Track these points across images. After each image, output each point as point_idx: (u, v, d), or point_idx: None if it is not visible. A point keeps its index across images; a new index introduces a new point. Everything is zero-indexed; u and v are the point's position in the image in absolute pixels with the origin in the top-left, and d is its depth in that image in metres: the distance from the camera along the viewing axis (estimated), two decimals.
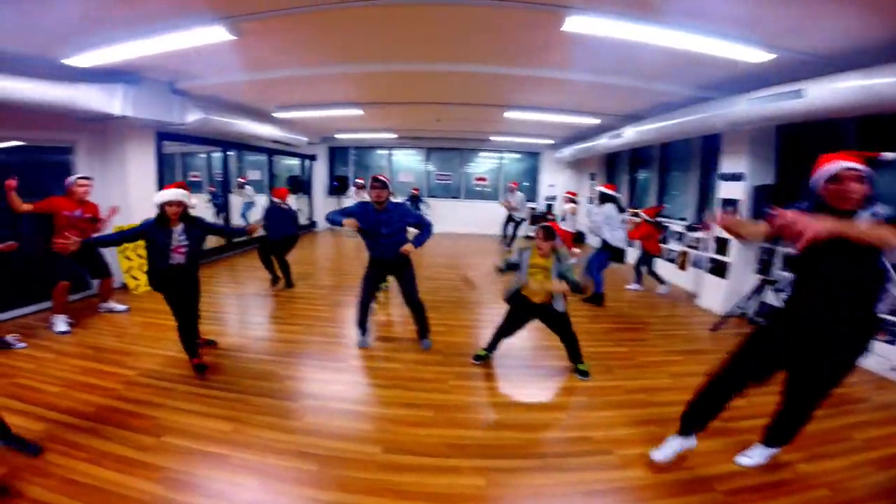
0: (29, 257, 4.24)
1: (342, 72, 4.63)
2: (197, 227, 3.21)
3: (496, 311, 3.85)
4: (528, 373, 3.52)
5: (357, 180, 9.75)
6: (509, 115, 6.76)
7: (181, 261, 3.11)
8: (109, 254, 4.74)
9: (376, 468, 2.31)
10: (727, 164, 5.19)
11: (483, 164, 11.67)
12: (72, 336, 3.92)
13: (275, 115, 6.97)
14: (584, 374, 3.37)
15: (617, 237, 5.16)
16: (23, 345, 3.63)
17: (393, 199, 3.61)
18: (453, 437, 2.61)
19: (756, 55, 3.27)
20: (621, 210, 5.33)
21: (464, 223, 11.22)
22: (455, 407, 2.95)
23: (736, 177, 5.01)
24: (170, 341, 3.40)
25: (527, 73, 4.54)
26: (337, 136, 10.21)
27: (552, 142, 10.03)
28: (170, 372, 3.28)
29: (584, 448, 2.56)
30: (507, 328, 3.44)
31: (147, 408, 2.78)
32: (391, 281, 4.65)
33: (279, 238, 5.30)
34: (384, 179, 3.48)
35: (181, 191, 3.09)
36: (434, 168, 11.66)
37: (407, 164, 11.73)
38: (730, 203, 5.09)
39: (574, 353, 3.38)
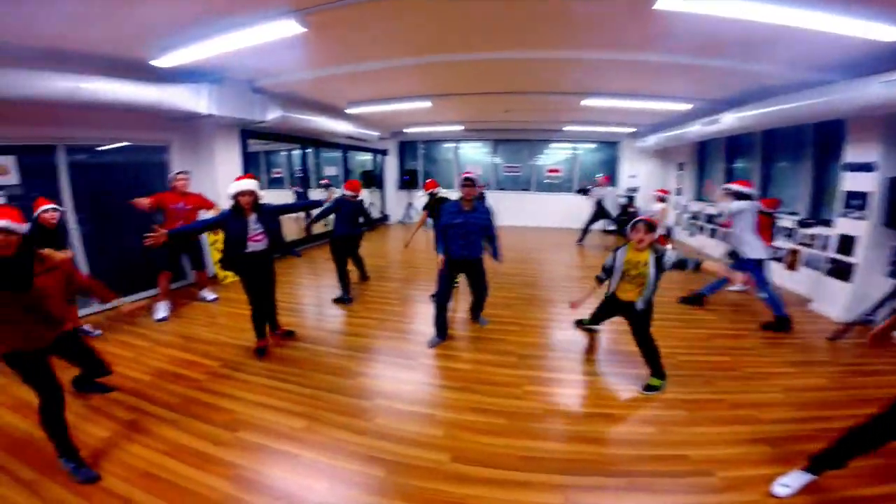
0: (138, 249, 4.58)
1: (411, 63, 4.49)
2: (268, 214, 3.32)
3: (571, 311, 3.63)
4: (616, 380, 3.18)
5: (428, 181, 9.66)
6: (588, 102, 6.26)
7: (258, 248, 3.26)
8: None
9: (443, 478, 2.17)
10: (854, 153, 4.39)
11: (555, 155, 11.09)
12: (167, 324, 4.20)
13: (347, 110, 7.07)
14: (652, 388, 2.99)
15: (756, 247, 4.11)
16: (98, 332, 3.93)
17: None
18: (527, 449, 2.40)
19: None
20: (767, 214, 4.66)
21: (534, 216, 10.79)
22: (530, 415, 2.71)
23: (866, 167, 4.21)
24: (252, 331, 3.50)
25: (610, 57, 4.15)
26: (406, 130, 10.20)
27: (634, 129, 9.25)
28: (250, 364, 3.37)
29: (679, 468, 2.24)
30: (599, 317, 3.45)
31: (227, 401, 2.85)
32: (460, 278, 4.51)
33: (342, 235, 5.12)
34: (473, 177, 3.47)
35: (252, 181, 3.20)
36: (502, 160, 11.28)
37: (474, 157, 11.46)
38: (857, 196, 4.28)
39: (651, 362, 3.01)
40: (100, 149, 4.79)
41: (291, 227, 8.73)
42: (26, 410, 2.60)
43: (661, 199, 6.73)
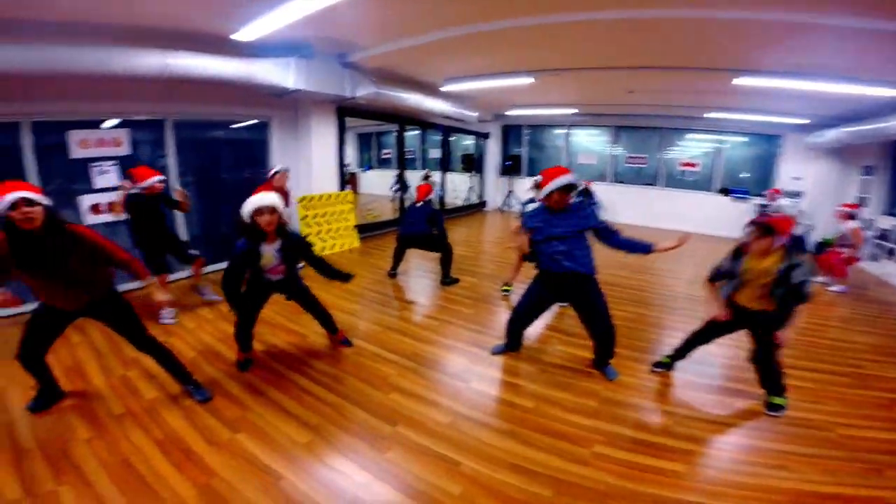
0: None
1: (512, 26, 3.77)
2: (294, 243, 2.74)
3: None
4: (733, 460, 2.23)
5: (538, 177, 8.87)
6: (741, 81, 4.87)
7: (278, 278, 2.79)
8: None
9: None
10: None
11: (693, 148, 9.29)
12: None
13: (443, 88, 6.61)
14: (777, 408, 2.56)
15: None
16: (214, 297, 4.11)
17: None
18: None
19: None
20: None
21: (659, 216, 9.11)
22: (590, 491, 1.98)
23: None
24: (310, 319, 3.23)
25: (780, 18, 3.04)
26: (509, 112, 9.42)
27: (805, 121, 7.21)
28: (290, 354, 3.18)
29: None
30: (708, 334, 2.77)
31: (247, 393, 2.67)
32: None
33: (409, 234, 4.76)
34: (572, 182, 2.60)
35: (273, 196, 2.54)
36: (624, 150, 9.82)
37: (588, 145, 10.20)
38: None
39: (770, 382, 2.56)
40: (208, 122, 5.08)
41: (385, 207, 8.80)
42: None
43: (851, 217, 5.06)
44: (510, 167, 10.41)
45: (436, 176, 9.07)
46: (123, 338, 2.43)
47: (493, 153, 10.72)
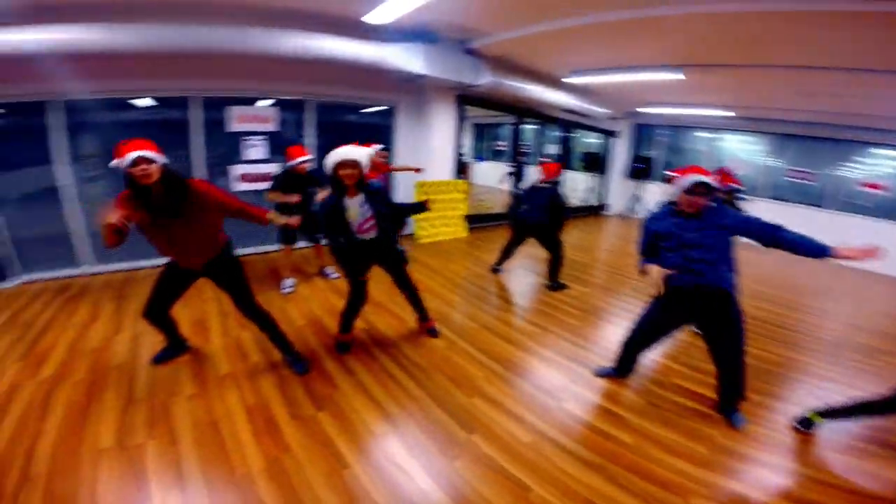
0: None
1: (659, 14, 3.34)
2: (377, 196, 2.67)
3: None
4: None
5: (671, 173, 7.91)
6: None
7: (368, 238, 2.71)
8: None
9: None
10: None
11: (881, 166, 7.45)
12: None
13: (568, 80, 6.18)
14: None
15: None
16: (336, 275, 4.33)
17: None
18: None
19: None
20: None
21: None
22: None
23: None
24: (424, 299, 3.22)
25: None
26: (644, 110, 8.49)
27: None
28: (387, 338, 3.20)
29: None
30: None
31: (339, 371, 2.73)
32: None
33: (528, 221, 4.35)
34: (707, 188, 2.10)
35: (359, 148, 2.56)
36: (784, 161, 8.27)
37: (738, 153, 8.75)
38: None
39: None
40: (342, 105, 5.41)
41: (498, 199, 8.64)
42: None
43: None
44: (640, 170, 9.42)
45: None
46: (231, 300, 2.56)
47: (620, 153, 9.85)
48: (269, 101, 4.93)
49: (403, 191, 6.01)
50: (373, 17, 3.81)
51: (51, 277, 4.20)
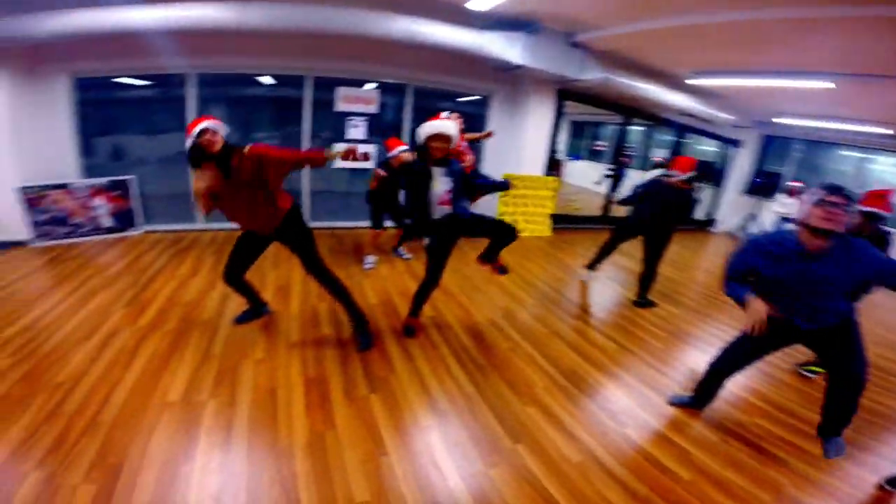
0: None
1: (813, 16, 2.84)
2: (457, 173, 2.62)
3: None
4: None
5: (794, 183, 6.86)
6: None
7: (449, 211, 2.63)
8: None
9: None
10: None
11: None
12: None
13: (689, 81, 5.56)
14: None
15: None
16: (409, 256, 4.48)
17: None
18: None
19: None
20: None
21: None
22: None
23: None
24: (495, 294, 3.27)
25: None
26: (779, 120, 7.37)
27: None
28: (451, 328, 3.16)
29: None
30: None
31: (399, 355, 2.75)
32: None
33: (644, 220, 3.85)
34: (847, 198, 1.57)
35: (449, 123, 2.51)
36: None
37: (892, 177, 7.28)
38: None
39: None
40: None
41: (591, 201, 8.16)
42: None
43: None
44: (761, 186, 8.17)
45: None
46: (301, 263, 2.62)
47: (741, 165, 8.67)
48: (373, 85, 5.14)
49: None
50: (476, 4, 3.75)
51: (168, 230, 4.86)
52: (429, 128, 2.47)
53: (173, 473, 1.73)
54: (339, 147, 2.45)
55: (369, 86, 5.15)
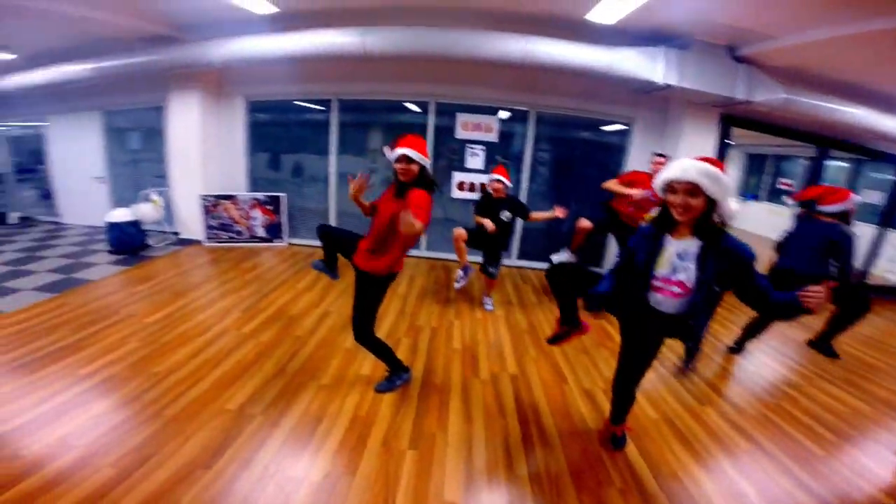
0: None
1: None
2: (723, 257, 1.57)
3: None
4: None
5: None
6: None
7: (670, 307, 1.68)
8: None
9: None
10: None
11: None
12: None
13: None
14: None
15: None
16: (491, 308, 3.92)
17: None
18: None
19: None
20: None
21: None
22: None
23: None
24: (604, 360, 2.73)
25: None
26: None
27: None
28: (535, 398, 2.68)
29: None
30: None
31: (459, 415, 2.43)
32: None
33: (787, 274, 3.04)
34: None
35: (712, 167, 1.52)
36: None
37: None
38: None
39: None
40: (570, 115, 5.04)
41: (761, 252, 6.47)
42: None
43: None
44: None
45: (862, 230, 5.95)
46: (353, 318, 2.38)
47: None
48: (503, 114, 4.98)
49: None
50: (597, 16, 3.30)
51: (306, 245, 5.41)
52: (670, 172, 1.57)
53: (185, 477, 1.77)
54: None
55: (503, 113, 4.99)
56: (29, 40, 4.72)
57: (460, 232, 3.64)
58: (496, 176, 3.64)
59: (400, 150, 2.10)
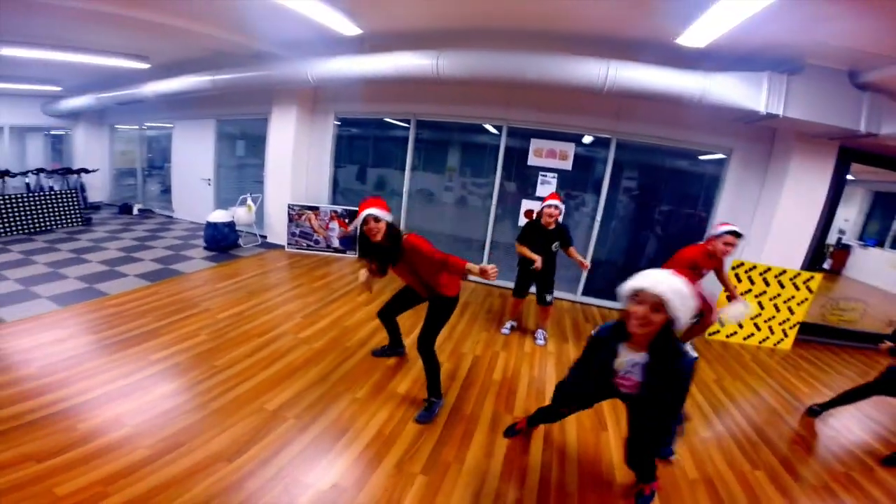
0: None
1: None
2: (663, 374, 1.53)
3: None
4: None
5: None
6: None
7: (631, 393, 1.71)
8: None
9: None
10: None
11: None
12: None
13: None
14: None
15: None
16: (543, 342, 3.68)
17: None
18: None
19: None
20: None
21: None
22: None
23: None
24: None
25: None
26: None
27: None
28: (565, 448, 2.41)
29: None
30: None
31: (481, 447, 2.31)
32: None
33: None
34: None
35: (683, 286, 1.46)
36: None
37: None
38: None
39: None
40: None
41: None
42: None
43: None
44: None
45: None
46: (421, 329, 2.49)
47: None
48: (589, 138, 4.80)
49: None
50: (688, 39, 3.02)
51: None
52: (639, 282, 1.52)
53: (206, 468, 1.87)
54: (485, 266, 1.99)
55: (587, 138, 4.78)
56: (160, 52, 5.45)
57: (514, 302, 3.74)
58: (552, 202, 3.29)
59: (365, 212, 2.15)
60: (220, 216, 5.59)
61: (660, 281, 1.45)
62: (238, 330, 3.26)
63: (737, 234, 2.92)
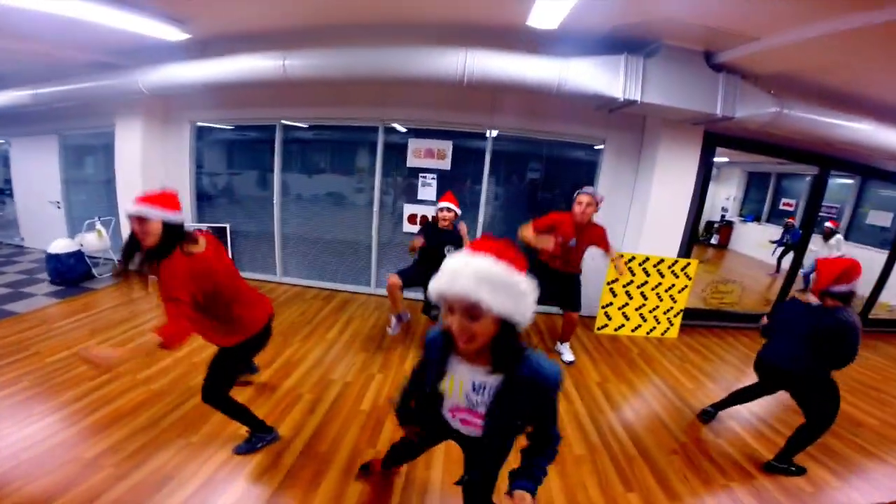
0: None
1: None
2: (514, 398, 1.15)
3: None
4: None
5: None
6: None
7: (470, 433, 1.31)
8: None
9: None
10: None
11: None
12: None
13: None
14: None
15: None
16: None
17: None
18: None
19: None
20: None
21: None
22: None
23: None
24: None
25: None
26: None
27: None
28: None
29: None
30: None
31: (320, 486, 1.93)
32: None
33: (771, 365, 2.47)
34: None
35: (497, 265, 1.02)
36: None
37: None
38: None
39: None
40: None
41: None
42: None
43: None
44: None
45: (870, 255, 5.24)
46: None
47: None
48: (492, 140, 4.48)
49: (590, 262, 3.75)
50: (536, 20, 2.76)
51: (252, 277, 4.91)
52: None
53: None
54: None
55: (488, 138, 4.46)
56: None
57: (395, 281, 3.30)
58: (445, 204, 3.36)
59: (133, 209, 1.68)
60: (62, 246, 4.68)
61: (458, 273, 0.97)
62: (69, 374, 2.75)
63: (590, 193, 3.12)
